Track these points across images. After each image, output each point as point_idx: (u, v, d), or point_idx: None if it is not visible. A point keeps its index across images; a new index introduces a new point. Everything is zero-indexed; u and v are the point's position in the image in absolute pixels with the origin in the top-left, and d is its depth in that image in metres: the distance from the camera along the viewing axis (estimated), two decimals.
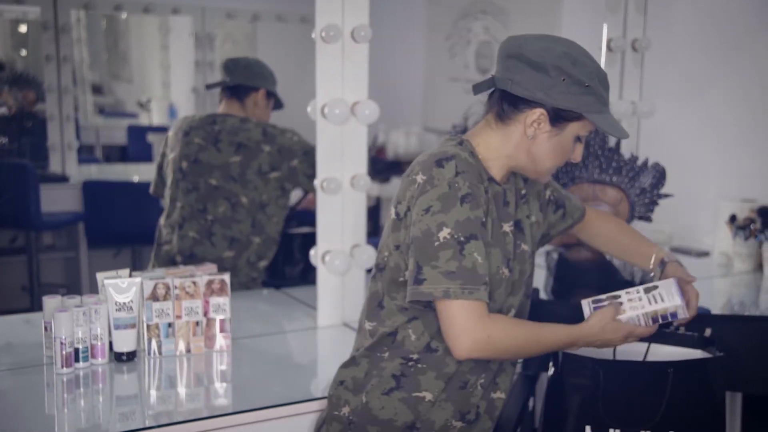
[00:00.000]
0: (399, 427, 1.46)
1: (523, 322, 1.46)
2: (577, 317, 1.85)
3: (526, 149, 1.42)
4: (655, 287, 1.52)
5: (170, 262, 2.51)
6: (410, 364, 1.46)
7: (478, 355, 1.40)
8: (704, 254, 3.05)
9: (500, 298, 1.46)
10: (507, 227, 1.46)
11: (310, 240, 2.38)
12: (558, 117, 1.38)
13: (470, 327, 1.36)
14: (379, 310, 1.49)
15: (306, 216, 2.87)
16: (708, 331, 1.80)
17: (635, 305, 1.50)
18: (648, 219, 2.22)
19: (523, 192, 1.53)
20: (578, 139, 1.43)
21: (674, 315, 1.52)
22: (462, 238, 1.34)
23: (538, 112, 1.38)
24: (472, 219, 1.35)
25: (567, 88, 1.35)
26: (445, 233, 1.34)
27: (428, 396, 1.45)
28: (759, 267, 2.81)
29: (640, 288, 1.52)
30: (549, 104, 1.37)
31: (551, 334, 1.44)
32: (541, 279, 2.26)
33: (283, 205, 2.60)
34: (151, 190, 2.72)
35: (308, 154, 2.56)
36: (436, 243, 1.35)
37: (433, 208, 1.36)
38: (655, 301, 1.51)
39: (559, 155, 1.43)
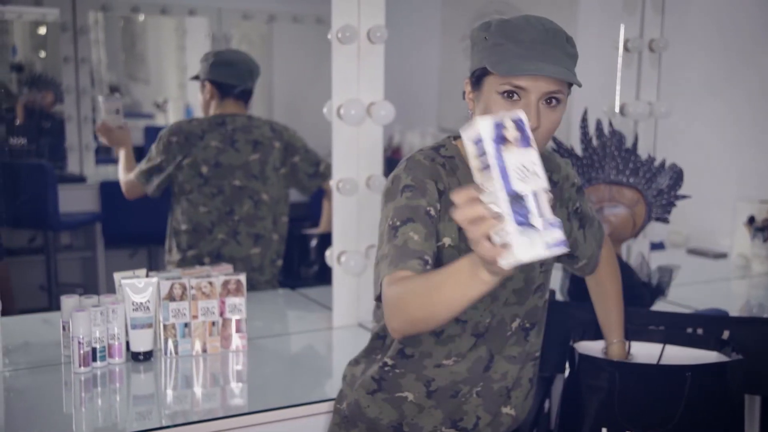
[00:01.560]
0: (385, 426, 1.46)
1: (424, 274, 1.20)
2: (596, 318, 1.85)
3: None
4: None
5: (198, 264, 2.51)
6: (387, 369, 1.44)
7: (399, 326, 1.20)
8: (722, 256, 3.02)
9: (483, 304, 1.37)
10: None
11: (326, 240, 2.38)
12: (474, 79, 1.35)
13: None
14: (377, 309, 1.48)
15: (320, 216, 2.87)
16: (726, 334, 1.78)
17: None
18: (665, 220, 2.20)
19: None
20: (506, 94, 1.28)
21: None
22: (398, 223, 1.26)
23: (467, 82, 1.37)
24: (411, 206, 1.28)
25: (478, 51, 1.33)
26: (385, 224, 1.29)
27: (410, 396, 1.43)
28: None
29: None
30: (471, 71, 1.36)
31: (446, 269, 1.09)
32: (557, 280, 2.25)
33: (288, 203, 2.61)
34: (150, 191, 2.54)
35: (309, 151, 2.58)
36: (382, 235, 1.30)
37: (383, 206, 1.33)
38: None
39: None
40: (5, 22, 5.17)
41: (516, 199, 0.90)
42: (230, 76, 2.56)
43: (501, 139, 0.92)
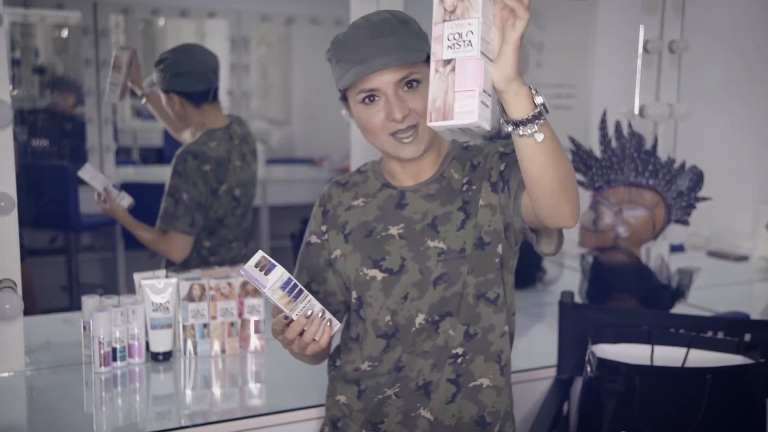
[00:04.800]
0: (330, 419, 1.50)
1: None
2: (615, 321, 1.84)
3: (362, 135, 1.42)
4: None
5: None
6: (331, 367, 1.52)
7: None
8: (743, 258, 3.00)
9: (377, 302, 1.39)
10: (394, 230, 1.40)
11: None
12: (343, 100, 1.39)
13: None
14: None
15: None
16: (747, 337, 1.77)
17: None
18: (685, 222, 2.19)
19: (465, 181, 1.40)
20: (364, 101, 1.33)
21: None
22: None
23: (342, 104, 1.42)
24: (306, 242, 1.51)
25: (334, 71, 1.36)
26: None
27: (342, 398, 1.47)
28: None
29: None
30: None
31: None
32: (575, 282, 2.24)
33: None
34: (194, 233, 2.33)
35: None
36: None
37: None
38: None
39: (369, 125, 1.34)
40: (28, 26, 5.23)
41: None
42: (198, 83, 2.38)
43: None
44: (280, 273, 1.24)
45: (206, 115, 2.41)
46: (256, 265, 1.24)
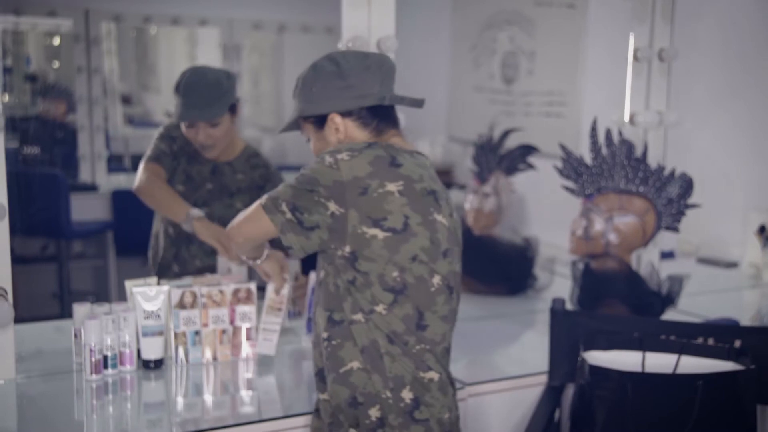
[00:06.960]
0: None
1: None
2: (606, 328, 1.84)
3: None
4: None
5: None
6: None
7: None
8: (733, 265, 3.01)
9: None
10: None
11: None
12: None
13: None
14: None
15: None
16: (737, 343, 1.78)
17: None
18: (675, 230, 2.20)
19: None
20: None
21: None
22: None
23: None
24: None
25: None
26: None
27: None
28: None
29: None
30: None
31: None
32: (566, 289, 2.25)
33: None
34: None
35: None
36: None
37: None
38: None
39: None
40: (20, 33, 5.22)
41: None
42: None
43: None
44: None
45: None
46: None
